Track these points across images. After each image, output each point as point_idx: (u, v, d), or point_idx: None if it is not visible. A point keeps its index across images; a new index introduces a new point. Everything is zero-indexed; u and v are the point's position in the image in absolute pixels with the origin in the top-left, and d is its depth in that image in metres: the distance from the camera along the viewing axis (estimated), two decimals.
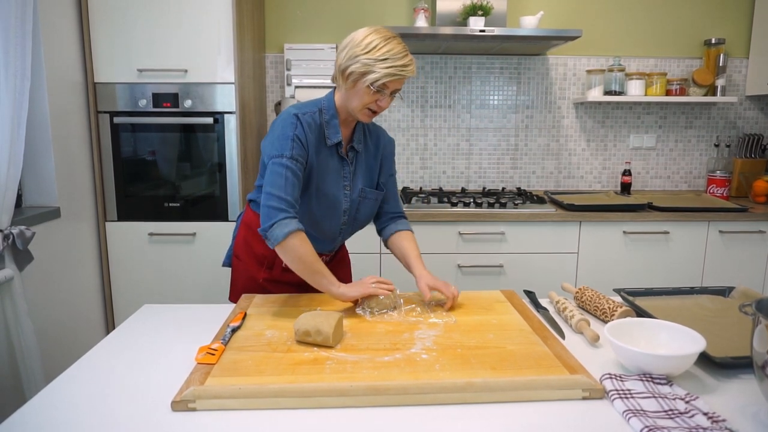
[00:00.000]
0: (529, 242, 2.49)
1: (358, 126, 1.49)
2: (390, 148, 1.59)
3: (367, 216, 1.57)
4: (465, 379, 0.95)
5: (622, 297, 1.39)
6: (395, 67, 1.29)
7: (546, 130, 3.05)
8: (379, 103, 1.35)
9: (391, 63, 1.29)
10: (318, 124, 1.40)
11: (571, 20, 2.95)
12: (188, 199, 2.45)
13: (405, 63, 1.31)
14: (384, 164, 1.57)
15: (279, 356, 1.06)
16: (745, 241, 2.53)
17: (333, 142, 1.41)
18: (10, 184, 1.80)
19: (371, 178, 1.54)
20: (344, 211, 1.49)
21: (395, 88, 1.35)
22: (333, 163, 1.44)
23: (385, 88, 1.33)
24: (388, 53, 1.29)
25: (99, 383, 1.01)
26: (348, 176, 1.47)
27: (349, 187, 1.48)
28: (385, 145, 1.57)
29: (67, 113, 2.23)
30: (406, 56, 1.31)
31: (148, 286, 2.48)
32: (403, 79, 1.33)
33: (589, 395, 0.95)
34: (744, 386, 1.00)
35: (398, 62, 1.30)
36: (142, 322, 1.32)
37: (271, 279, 1.55)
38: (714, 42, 2.91)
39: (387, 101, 1.36)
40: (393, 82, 1.32)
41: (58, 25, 2.17)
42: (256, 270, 1.56)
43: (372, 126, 1.55)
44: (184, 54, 2.34)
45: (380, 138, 1.56)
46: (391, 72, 1.29)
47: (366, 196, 1.51)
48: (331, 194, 1.44)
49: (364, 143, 1.50)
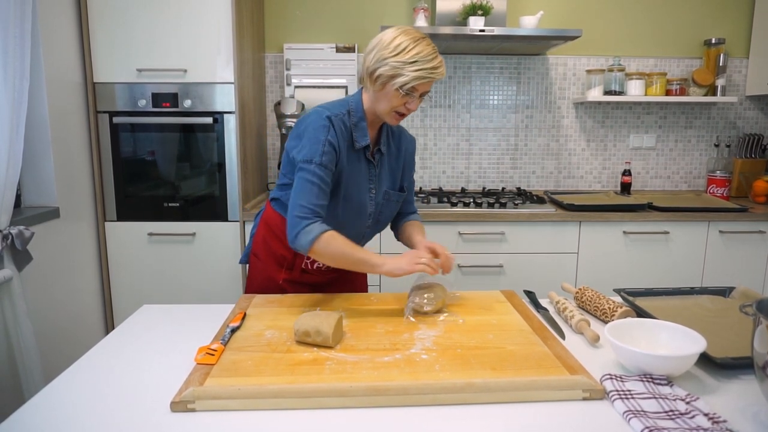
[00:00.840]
0: (529, 242, 2.48)
1: (384, 127, 1.47)
2: (412, 148, 1.57)
3: (389, 218, 1.56)
4: (465, 380, 0.95)
5: (622, 297, 1.39)
6: (425, 69, 1.27)
7: (546, 130, 3.05)
8: (408, 106, 1.33)
9: (420, 66, 1.27)
10: (347, 127, 1.38)
11: (570, 20, 2.94)
12: (188, 199, 2.45)
13: (435, 65, 1.29)
14: (407, 166, 1.56)
15: (278, 357, 1.06)
16: (745, 241, 2.52)
17: (361, 145, 1.39)
18: (9, 184, 1.80)
19: (394, 179, 1.53)
20: (369, 214, 1.48)
21: (424, 91, 1.33)
22: (360, 167, 1.42)
23: (414, 91, 1.31)
24: (417, 56, 1.27)
25: (98, 384, 1.01)
26: (374, 179, 1.46)
27: (375, 190, 1.46)
28: (407, 146, 1.55)
29: (67, 113, 2.23)
30: (435, 58, 1.29)
31: (148, 286, 2.48)
32: (433, 81, 1.31)
33: (590, 396, 0.95)
34: (744, 387, 1.00)
35: (427, 65, 1.28)
36: (142, 322, 1.31)
37: (291, 280, 1.53)
38: (714, 42, 2.91)
39: (416, 104, 1.34)
40: (423, 85, 1.30)
41: (57, 24, 2.17)
42: (275, 271, 1.53)
43: (396, 128, 1.53)
44: (183, 54, 2.34)
45: (402, 139, 1.54)
46: (421, 75, 1.27)
47: (390, 198, 1.50)
48: (357, 199, 1.43)
49: (388, 145, 1.49)
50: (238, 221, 2.45)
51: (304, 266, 1.52)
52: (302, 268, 1.52)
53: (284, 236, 1.41)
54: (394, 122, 1.39)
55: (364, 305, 1.37)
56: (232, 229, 2.45)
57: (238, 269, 2.48)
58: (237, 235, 2.45)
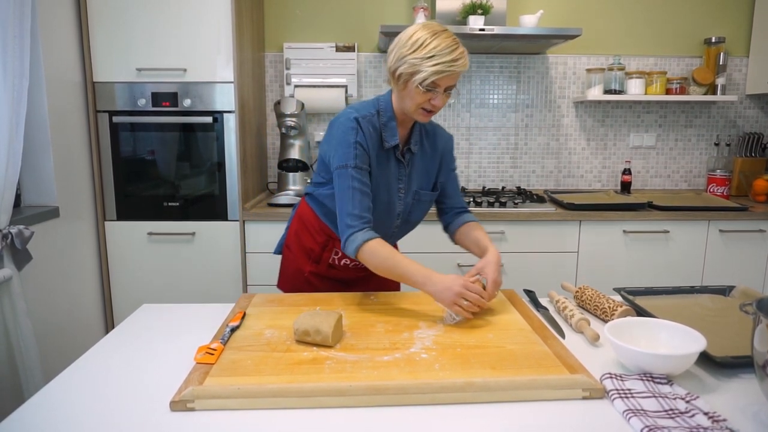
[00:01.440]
0: (529, 241, 2.48)
1: (416, 126, 1.44)
2: (449, 145, 1.53)
3: (419, 218, 1.54)
4: (464, 379, 0.95)
5: (622, 296, 1.39)
6: (443, 63, 1.23)
7: (546, 129, 3.05)
8: (433, 102, 1.29)
9: (437, 60, 1.23)
10: (376, 127, 1.37)
11: (570, 19, 2.94)
12: (187, 198, 2.45)
13: (454, 58, 1.24)
14: (443, 163, 1.52)
15: (278, 356, 1.06)
16: (746, 240, 2.52)
17: (390, 144, 1.38)
18: (9, 184, 1.80)
19: (428, 179, 1.49)
20: (398, 214, 1.47)
21: (448, 85, 1.29)
22: (389, 166, 1.41)
23: (436, 87, 1.27)
24: (435, 50, 1.23)
25: (98, 383, 1.01)
26: (403, 178, 1.44)
27: (404, 190, 1.45)
28: (443, 145, 1.51)
29: (66, 112, 2.23)
30: (455, 50, 1.24)
31: (148, 285, 2.48)
32: (454, 74, 1.27)
33: (590, 395, 0.95)
34: (744, 386, 0.99)
35: (445, 58, 1.23)
36: (141, 321, 1.31)
37: (317, 273, 1.56)
38: (714, 41, 2.90)
39: (441, 99, 1.29)
40: (443, 79, 1.26)
41: (57, 24, 2.17)
42: (303, 262, 1.57)
43: (429, 125, 1.49)
44: (183, 53, 2.34)
45: (438, 138, 1.50)
46: (439, 69, 1.23)
47: (420, 198, 1.48)
48: (385, 199, 1.42)
49: (420, 144, 1.45)
50: (238, 221, 2.45)
51: (331, 261, 1.55)
52: (329, 263, 1.55)
53: (315, 230, 1.48)
54: (423, 119, 1.34)
55: (364, 304, 1.37)
56: (232, 228, 2.45)
57: (238, 269, 2.48)
58: (237, 234, 2.45)
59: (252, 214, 2.43)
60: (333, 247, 1.54)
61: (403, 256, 1.29)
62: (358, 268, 1.57)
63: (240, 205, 2.44)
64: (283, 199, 2.53)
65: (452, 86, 1.30)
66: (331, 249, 1.54)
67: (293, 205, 1.72)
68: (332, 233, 1.51)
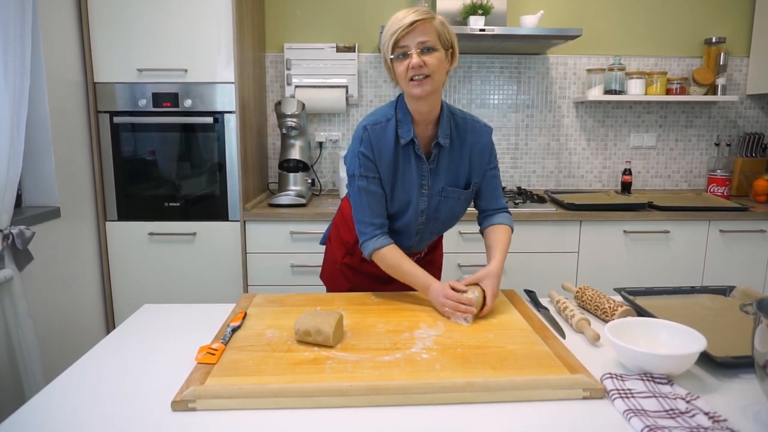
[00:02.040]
0: (530, 241, 2.48)
1: (444, 120, 1.40)
2: (482, 140, 1.45)
3: (449, 216, 1.50)
4: (465, 379, 0.95)
5: (623, 296, 1.39)
6: (395, 23, 1.27)
7: (546, 130, 3.05)
8: (411, 63, 1.26)
9: (392, 24, 1.28)
10: (391, 128, 1.37)
11: (571, 19, 2.94)
12: (188, 198, 2.45)
13: (403, 16, 1.26)
14: (474, 160, 1.45)
15: (279, 356, 1.06)
16: (746, 240, 2.52)
17: (405, 140, 1.37)
18: (10, 184, 1.80)
19: (456, 176, 1.44)
20: (421, 211, 1.45)
21: (416, 42, 1.25)
22: (410, 164, 1.40)
23: (403, 48, 1.27)
24: (393, 20, 1.28)
25: (99, 383, 1.01)
26: (426, 175, 1.41)
27: (428, 186, 1.42)
28: (475, 138, 1.44)
29: (67, 113, 2.23)
30: (406, 13, 1.26)
31: (148, 285, 2.48)
32: (413, 30, 1.25)
33: (590, 395, 0.95)
34: (745, 386, 1.00)
35: (397, 18, 1.27)
36: (142, 321, 1.31)
37: (350, 265, 1.60)
38: (714, 41, 2.90)
39: (417, 58, 1.26)
40: (404, 38, 1.26)
41: (58, 24, 2.17)
42: (339, 253, 1.62)
43: (461, 120, 1.44)
44: (183, 53, 2.34)
45: (468, 133, 1.44)
46: (393, 30, 1.26)
47: (448, 195, 1.45)
48: (405, 197, 1.42)
49: (449, 138, 1.41)
50: (239, 221, 2.45)
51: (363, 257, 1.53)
52: (361, 258, 1.53)
53: (353, 224, 1.48)
54: (418, 92, 1.30)
55: (365, 305, 1.37)
56: (233, 228, 2.45)
57: (239, 269, 2.48)
58: (237, 234, 2.45)
59: (253, 214, 2.43)
60: None
61: (409, 263, 1.38)
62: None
63: (241, 206, 2.44)
64: (283, 199, 2.53)
65: (426, 43, 1.26)
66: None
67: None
68: None
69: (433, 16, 1.29)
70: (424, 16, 1.26)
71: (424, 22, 1.26)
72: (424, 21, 1.25)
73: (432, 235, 1.55)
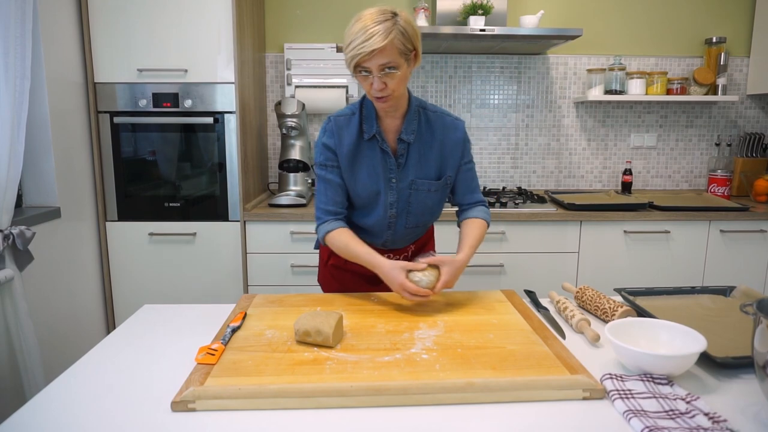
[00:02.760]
0: (530, 242, 2.48)
1: (411, 116, 1.42)
2: (455, 135, 1.46)
3: (423, 209, 1.50)
4: (465, 380, 0.95)
5: (623, 297, 1.39)
6: (356, 47, 1.25)
7: (546, 130, 3.05)
8: (373, 86, 1.29)
9: (352, 45, 1.26)
10: (358, 121, 1.43)
11: (571, 19, 2.94)
12: (188, 198, 2.45)
13: (364, 39, 1.23)
14: (446, 154, 1.46)
15: (279, 356, 1.06)
16: (746, 240, 2.52)
17: (368, 135, 1.42)
18: (11, 184, 1.80)
19: (427, 168, 1.46)
20: (391, 204, 1.46)
21: (377, 65, 1.26)
22: (374, 156, 1.43)
23: (364, 70, 1.28)
24: (351, 36, 1.27)
25: (99, 383, 1.01)
26: (394, 168, 1.44)
27: (396, 179, 1.44)
28: (445, 135, 1.45)
29: (67, 113, 2.23)
30: (367, 31, 1.24)
31: (149, 286, 2.48)
32: (371, 56, 1.24)
33: (590, 395, 0.95)
34: (745, 386, 0.99)
35: (357, 41, 1.25)
36: (143, 322, 1.32)
37: (336, 265, 1.61)
38: (715, 41, 2.90)
39: (378, 83, 1.28)
40: (365, 61, 1.26)
41: (58, 24, 2.17)
42: (325, 253, 1.64)
43: (433, 115, 1.46)
44: (184, 54, 2.34)
45: (439, 127, 1.45)
46: (353, 54, 1.26)
47: (418, 188, 1.46)
48: (373, 189, 1.44)
49: (418, 133, 1.43)
50: (239, 221, 2.45)
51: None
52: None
53: None
54: (380, 105, 1.35)
55: (365, 305, 1.37)
56: (233, 228, 2.46)
57: (239, 269, 2.48)
58: (238, 234, 2.45)
59: (253, 214, 2.43)
60: None
61: (358, 244, 1.41)
62: None
63: (241, 206, 2.44)
64: (283, 199, 2.53)
65: (387, 65, 1.27)
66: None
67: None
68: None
69: (392, 32, 1.25)
70: (383, 42, 1.23)
71: (384, 48, 1.24)
72: (383, 48, 1.24)
73: (408, 231, 1.54)
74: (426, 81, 2.97)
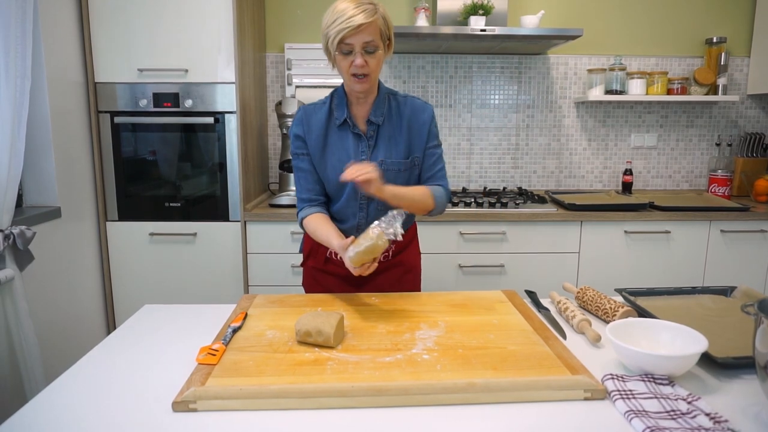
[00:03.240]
0: (530, 242, 2.48)
1: (380, 99, 1.48)
2: (422, 117, 1.51)
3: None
4: (466, 380, 0.95)
5: (624, 297, 1.39)
6: (343, 21, 1.30)
7: (547, 130, 3.05)
8: (354, 63, 1.34)
9: (339, 20, 1.30)
10: (327, 109, 1.48)
11: (571, 19, 2.94)
12: (189, 199, 2.45)
13: (351, 15, 1.29)
14: (415, 135, 1.51)
15: (280, 357, 1.06)
16: (747, 240, 2.52)
17: (339, 121, 1.47)
18: (11, 184, 1.80)
19: (396, 148, 1.50)
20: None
21: (362, 42, 1.32)
22: (347, 141, 1.48)
23: (348, 46, 1.33)
24: (337, 13, 1.31)
25: (100, 383, 1.01)
26: (365, 150, 1.48)
27: (367, 160, 1.48)
28: (413, 115, 1.50)
29: (68, 113, 2.23)
30: (356, 8, 1.30)
31: (149, 286, 2.48)
32: (359, 30, 1.30)
33: (591, 396, 0.95)
34: (746, 386, 0.99)
35: (345, 16, 1.30)
36: (143, 322, 1.31)
37: (317, 268, 1.63)
38: (715, 41, 2.90)
39: (360, 59, 1.34)
40: (350, 37, 1.31)
41: (59, 24, 2.17)
42: (305, 257, 1.66)
43: (401, 98, 1.52)
44: (184, 54, 2.34)
45: (407, 109, 1.50)
46: (340, 28, 1.30)
47: (388, 167, 1.49)
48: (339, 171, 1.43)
49: (388, 116, 1.49)
50: (239, 221, 2.45)
51: (328, 255, 1.59)
52: (326, 257, 1.59)
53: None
54: (359, 87, 1.40)
55: (366, 305, 1.37)
56: (234, 229, 2.46)
57: (239, 269, 2.48)
58: (238, 235, 2.45)
59: (253, 214, 2.43)
60: None
61: (329, 229, 1.42)
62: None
63: (241, 206, 2.44)
64: (284, 199, 2.53)
65: (370, 43, 1.34)
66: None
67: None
68: None
69: (376, 13, 1.34)
70: (370, 18, 1.31)
71: (370, 24, 1.32)
72: (369, 23, 1.32)
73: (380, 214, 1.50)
74: (426, 81, 2.97)
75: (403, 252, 1.63)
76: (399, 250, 1.62)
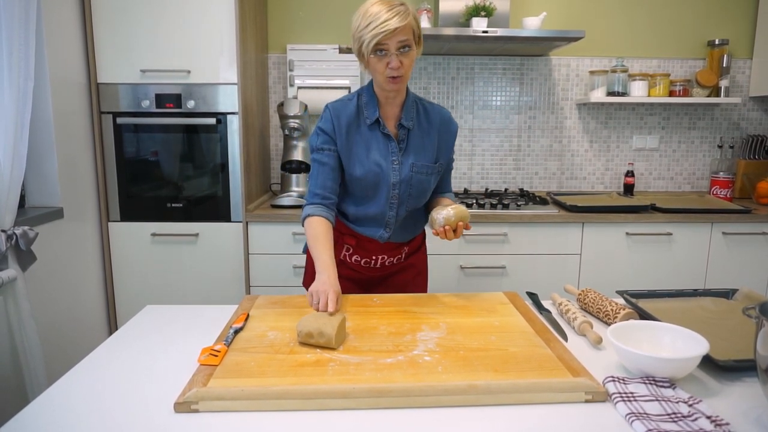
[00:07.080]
0: (532, 244, 2.48)
1: (409, 104, 1.50)
2: (447, 127, 1.56)
3: (421, 191, 1.54)
4: (467, 382, 0.95)
5: (625, 299, 1.39)
6: (378, 26, 1.31)
7: (549, 131, 3.05)
8: (390, 66, 1.36)
9: (373, 24, 1.32)
10: (355, 107, 1.48)
11: (573, 21, 2.94)
12: (191, 199, 2.46)
13: (386, 18, 1.31)
14: (443, 143, 1.55)
15: (282, 358, 1.06)
16: (749, 242, 2.52)
17: (370, 121, 1.47)
18: (14, 185, 1.81)
19: (425, 154, 1.52)
20: (393, 184, 1.49)
21: (397, 42, 1.34)
22: (376, 141, 1.49)
23: (384, 49, 1.35)
24: (371, 17, 1.33)
25: (101, 384, 1.01)
26: (396, 152, 1.49)
27: (398, 162, 1.49)
28: (442, 124, 1.55)
29: (70, 114, 2.24)
30: (389, 11, 1.32)
31: (151, 286, 2.49)
32: (393, 33, 1.32)
33: (592, 398, 0.95)
34: (747, 389, 0.99)
35: (380, 20, 1.32)
36: (145, 322, 1.32)
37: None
38: (717, 43, 2.90)
39: (396, 60, 1.35)
40: (385, 39, 1.33)
41: (61, 25, 2.18)
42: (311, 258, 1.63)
43: (429, 105, 1.55)
44: (186, 55, 2.34)
45: (434, 115, 1.54)
46: (375, 32, 1.32)
47: (419, 170, 1.51)
48: (372, 169, 1.47)
49: (417, 120, 1.51)
50: (241, 222, 2.45)
51: (342, 257, 1.58)
52: (340, 259, 1.58)
53: None
54: (394, 87, 1.41)
55: (367, 307, 1.37)
56: (236, 229, 2.46)
57: (241, 270, 2.48)
58: (240, 235, 2.46)
59: (255, 215, 2.43)
60: (344, 243, 1.57)
61: (323, 243, 1.39)
62: (371, 267, 1.59)
63: (243, 207, 2.44)
64: (286, 200, 2.53)
65: (405, 44, 1.36)
66: (342, 245, 1.57)
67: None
68: (342, 227, 1.56)
69: (409, 14, 1.35)
70: (404, 21, 1.33)
71: (404, 27, 1.34)
72: (404, 26, 1.34)
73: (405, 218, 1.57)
74: (428, 82, 2.97)
75: (416, 254, 1.67)
76: (412, 252, 1.65)
